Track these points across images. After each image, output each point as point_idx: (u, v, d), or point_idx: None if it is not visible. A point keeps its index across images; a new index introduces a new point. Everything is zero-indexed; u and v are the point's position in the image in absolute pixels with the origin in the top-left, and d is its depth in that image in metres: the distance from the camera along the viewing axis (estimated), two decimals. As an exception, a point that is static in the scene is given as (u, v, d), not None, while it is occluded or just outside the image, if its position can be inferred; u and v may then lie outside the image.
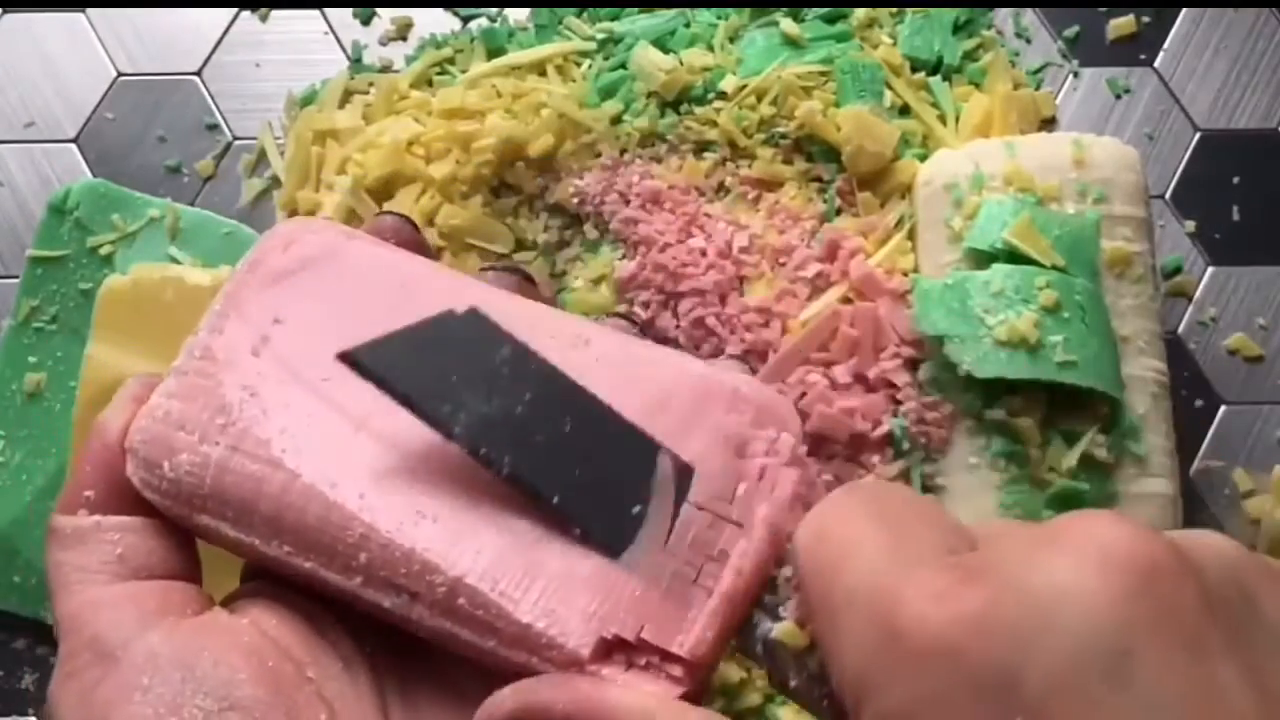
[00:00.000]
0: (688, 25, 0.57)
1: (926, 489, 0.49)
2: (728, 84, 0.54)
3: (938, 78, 0.56)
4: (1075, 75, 0.58)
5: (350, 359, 0.27)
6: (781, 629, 0.26)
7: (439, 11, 0.58)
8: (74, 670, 0.27)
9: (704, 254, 0.51)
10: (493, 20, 0.58)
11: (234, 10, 0.58)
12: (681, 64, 0.54)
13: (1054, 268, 0.48)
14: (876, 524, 0.25)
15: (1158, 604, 0.21)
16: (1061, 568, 0.22)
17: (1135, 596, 0.21)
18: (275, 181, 0.56)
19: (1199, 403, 0.54)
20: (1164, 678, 0.21)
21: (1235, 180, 0.56)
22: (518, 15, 0.58)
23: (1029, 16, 0.58)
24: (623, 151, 0.53)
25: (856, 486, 0.28)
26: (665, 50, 0.55)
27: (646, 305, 0.51)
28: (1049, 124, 0.57)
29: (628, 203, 0.52)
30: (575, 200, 0.53)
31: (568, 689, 0.26)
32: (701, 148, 0.54)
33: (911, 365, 0.50)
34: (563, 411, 0.28)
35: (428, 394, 0.27)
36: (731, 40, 0.56)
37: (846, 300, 0.51)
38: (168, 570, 0.29)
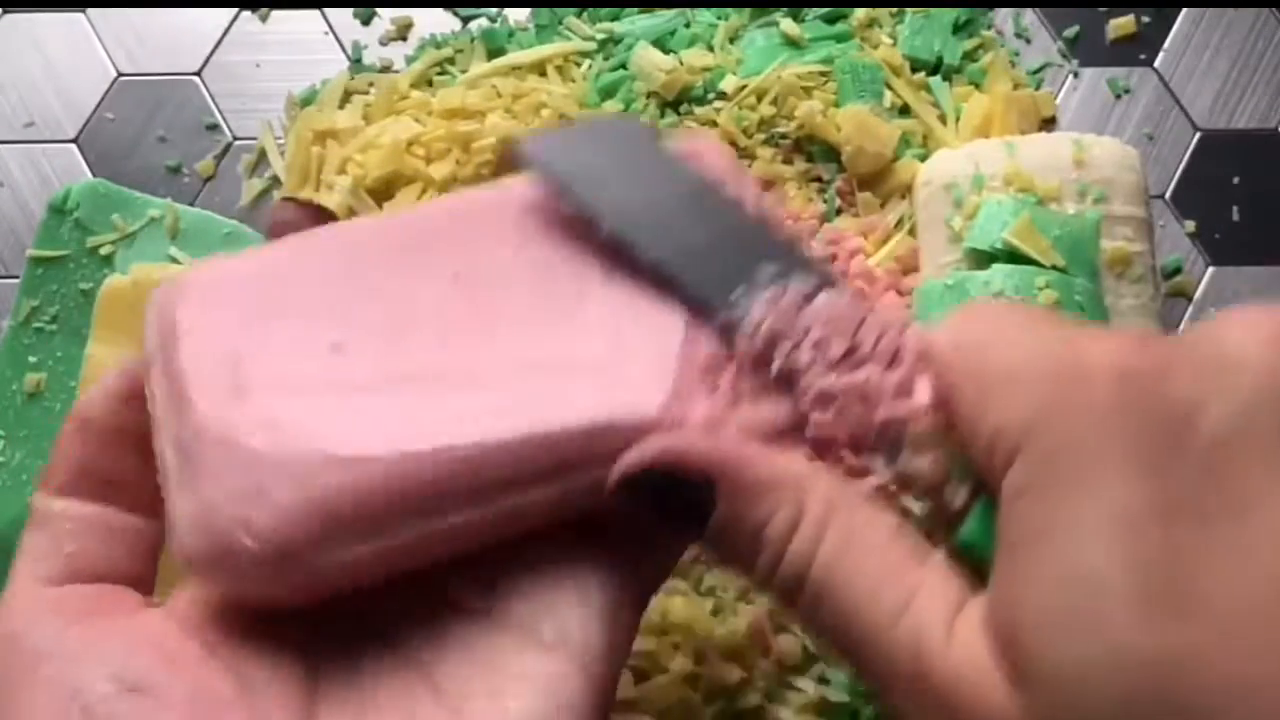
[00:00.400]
0: (688, 25, 0.57)
1: (926, 489, 0.49)
2: (728, 84, 0.54)
3: (938, 78, 0.56)
4: (1075, 75, 0.58)
5: (517, 155, 0.28)
6: (920, 422, 0.26)
7: (439, 11, 0.58)
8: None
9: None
10: (493, 20, 0.58)
11: (234, 10, 0.58)
12: (681, 64, 0.54)
13: (1054, 268, 0.48)
14: (1016, 315, 0.26)
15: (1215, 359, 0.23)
16: (1234, 331, 0.23)
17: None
18: (275, 181, 0.56)
19: (1199, 403, 0.54)
20: None
21: (1236, 180, 0.56)
22: (518, 15, 0.58)
23: (1029, 16, 0.58)
24: (623, 152, 0.53)
25: (976, 304, 0.30)
26: (665, 50, 0.55)
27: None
28: (1049, 124, 0.57)
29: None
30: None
31: (716, 445, 0.26)
32: (701, 148, 0.54)
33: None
34: (709, 218, 0.28)
35: (584, 183, 0.28)
36: (731, 40, 0.56)
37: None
38: (112, 574, 0.29)
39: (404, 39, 0.58)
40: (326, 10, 0.58)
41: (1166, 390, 0.23)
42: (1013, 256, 0.48)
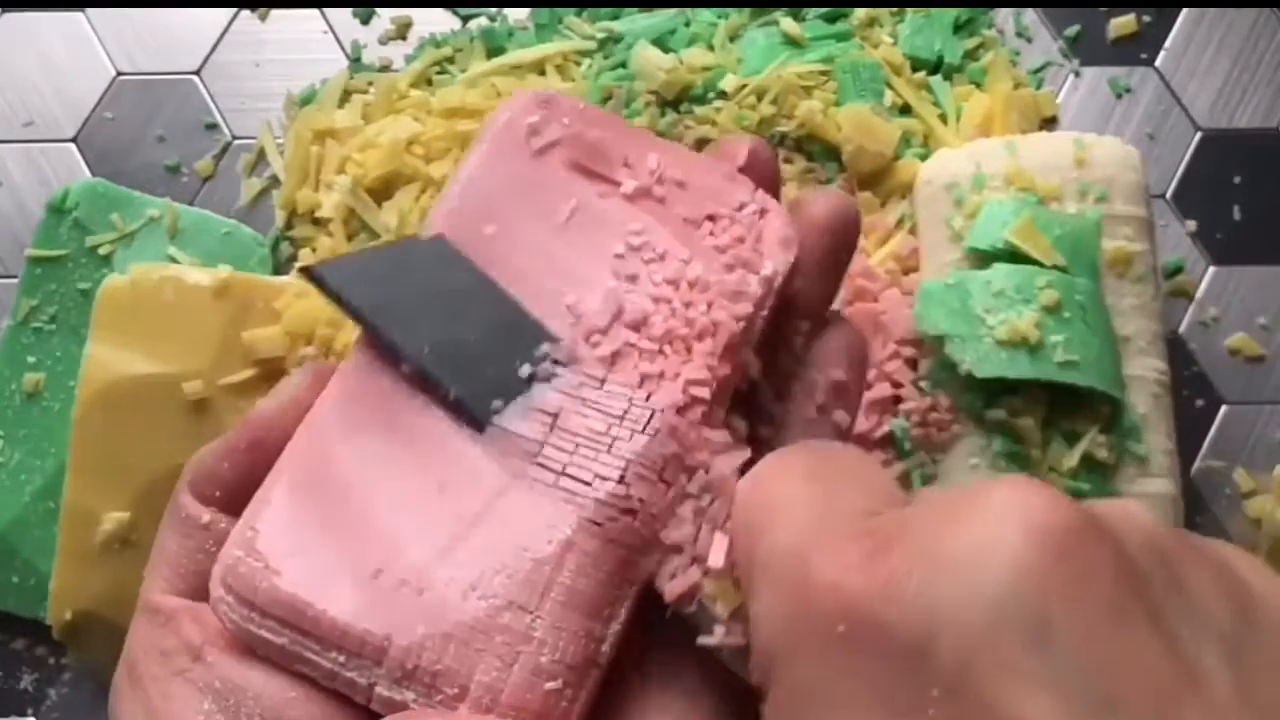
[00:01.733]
0: (688, 24, 0.57)
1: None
2: (728, 83, 0.54)
3: (938, 77, 0.56)
4: (1076, 75, 0.58)
5: (311, 274, 0.27)
6: (713, 585, 0.26)
7: (439, 11, 0.58)
8: (138, 677, 0.28)
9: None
10: (492, 20, 0.58)
11: (233, 10, 0.58)
12: (681, 63, 0.54)
13: (1055, 267, 0.47)
14: (808, 484, 0.25)
15: (1077, 569, 0.21)
16: (977, 533, 0.21)
17: (1054, 561, 0.21)
18: (275, 181, 0.56)
19: (1200, 403, 0.54)
20: (1084, 643, 0.20)
21: (1236, 180, 0.56)
22: (518, 15, 0.58)
23: (1030, 16, 0.58)
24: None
25: (806, 444, 0.27)
26: (665, 50, 0.55)
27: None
28: (1050, 123, 0.57)
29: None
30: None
31: None
32: (701, 147, 0.54)
33: (912, 365, 0.50)
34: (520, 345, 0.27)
35: (384, 313, 0.27)
36: (732, 40, 0.56)
37: (847, 301, 0.51)
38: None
39: (403, 38, 0.58)
40: (326, 10, 0.58)
41: (894, 622, 0.21)
42: (1014, 256, 0.48)
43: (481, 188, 0.29)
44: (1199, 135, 0.57)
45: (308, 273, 0.27)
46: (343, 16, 0.58)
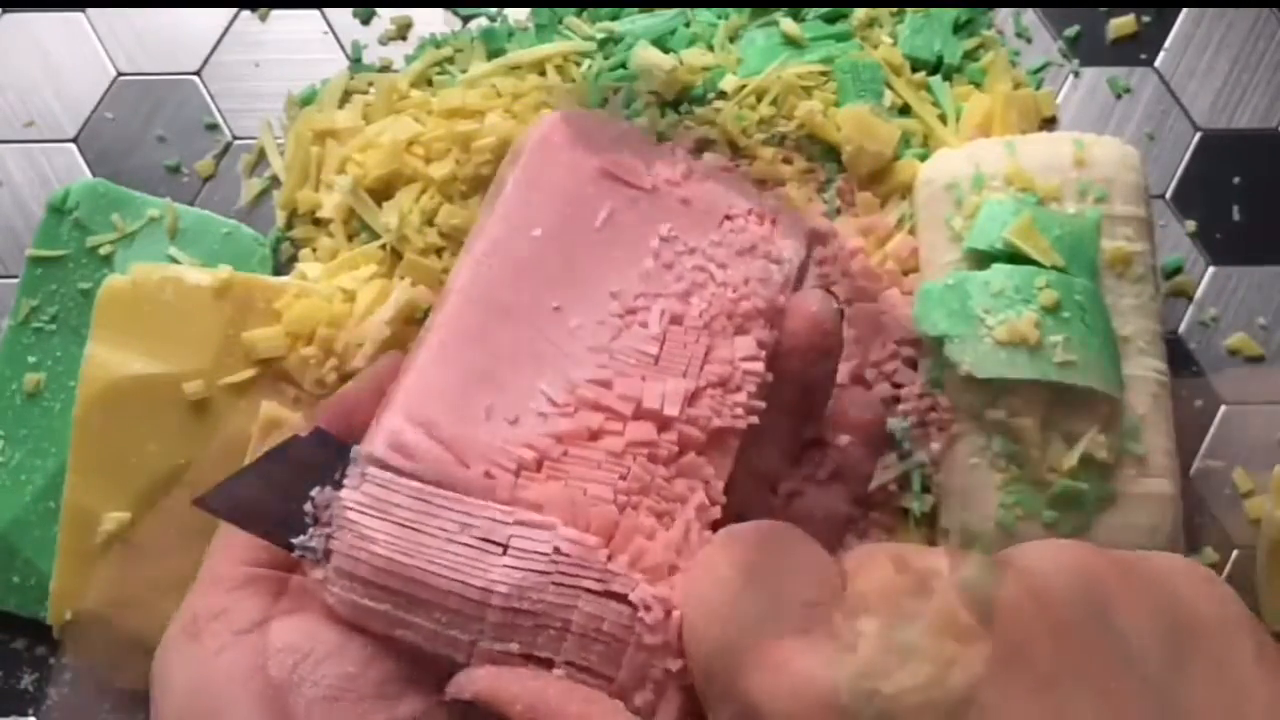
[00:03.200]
0: (688, 25, 0.57)
1: (926, 489, 0.49)
2: (728, 83, 0.54)
3: (938, 77, 0.56)
4: (1076, 75, 0.58)
5: (204, 504, 0.29)
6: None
7: (439, 11, 0.58)
8: (196, 632, 0.29)
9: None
10: (492, 20, 0.58)
11: (234, 10, 0.58)
12: (681, 64, 0.54)
13: (1053, 268, 0.48)
14: (740, 582, 0.25)
15: (1006, 648, 0.21)
16: (900, 624, 0.22)
17: (983, 644, 0.21)
18: (275, 181, 0.56)
19: (1199, 403, 0.54)
20: (1009, 718, 0.21)
21: (1236, 180, 0.56)
22: (518, 15, 0.58)
23: (1029, 16, 0.58)
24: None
25: (731, 534, 0.28)
26: (665, 50, 0.55)
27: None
28: (1049, 124, 0.57)
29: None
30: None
31: (532, 687, 0.27)
32: (701, 147, 0.54)
33: (912, 365, 0.50)
34: None
35: (289, 525, 0.29)
36: (731, 40, 0.56)
37: (846, 301, 0.51)
38: (287, 564, 0.31)
39: (404, 38, 0.58)
40: (326, 10, 0.58)
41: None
42: (1013, 257, 0.48)
43: (525, 197, 0.32)
44: (1199, 135, 0.57)
45: (200, 504, 0.29)
46: (343, 16, 0.58)
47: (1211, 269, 0.55)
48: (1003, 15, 0.58)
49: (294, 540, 0.29)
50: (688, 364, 0.30)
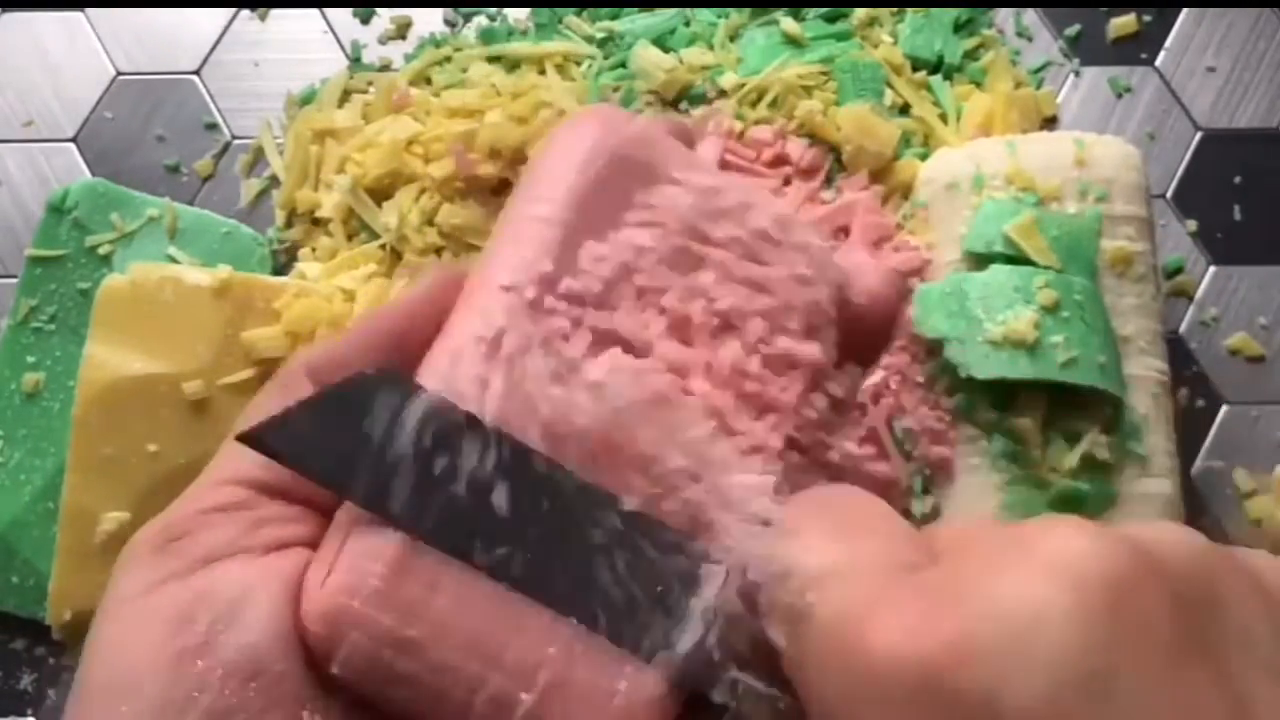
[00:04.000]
0: (688, 24, 0.56)
1: (927, 490, 0.49)
2: (726, 81, 0.54)
3: (938, 77, 0.56)
4: (1076, 74, 0.58)
5: (252, 440, 0.26)
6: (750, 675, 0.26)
7: (439, 11, 0.58)
8: (159, 547, 0.29)
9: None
10: (492, 20, 0.58)
11: (233, 10, 0.58)
12: (681, 63, 0.54)
13: (1051, 268, 0.47)
14: (836, 546, 0.25)
15: (1133, 618, 0.21)
16: (1031, 589, 0.22)
17: (1110, 613, 0.21)
18: (274, 181, 0.56)
19: (1200, 403, 0.54)
20: (1145, 692, 0.21)
21: (1237, 180, 0.56)
22: (517, 14, 0.58)
23: (1030, 16, 0.58)
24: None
25: (812, 499, 0.27)
26: (665, 50, 0.55)
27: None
28: (1050, 123, 0.57)
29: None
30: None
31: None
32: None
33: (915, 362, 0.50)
34: (535, 492, 0.27)
35: (353, 474, 0.26)
36: (732, 39, 0.56)
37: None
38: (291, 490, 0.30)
39: (403, 38, 0.58)
40: (325, 9, 0.58)
41: (960, 686, 0.21)
42: (1010, 258, 0.48)
43: (564, 188, 0.32)
44: (1199, 135, 0.57)
45: (248, 439, 0.27)
46: (343, 16, 0.58)
47: (1212, 269, 0.55)
48: (1003, 15, 0.58)
49: (342, 488, 0.26)
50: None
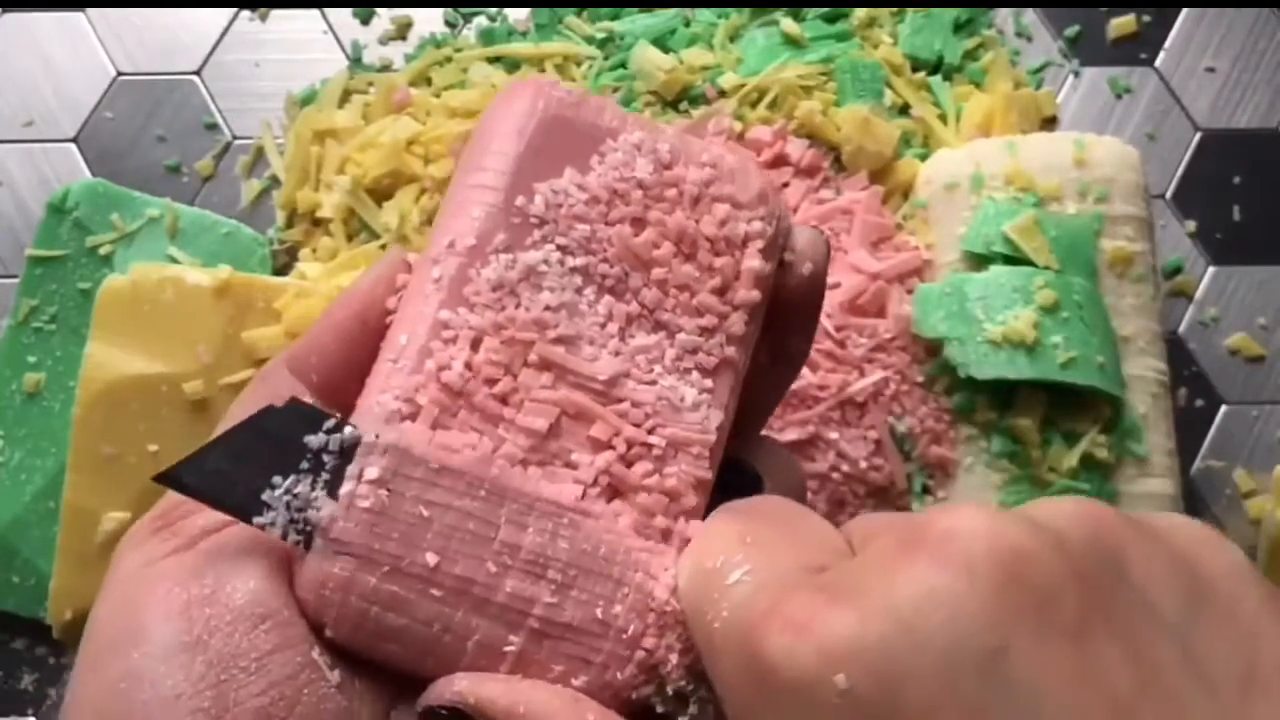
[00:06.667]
0: (688, 24, 0.57)
1: (927, 490, 0.49)
2: (726, 80, 0.54)
3: (938, 77, 0.56)
4: (1076, 75, 0.58)
5: (165, 480, 0.26)
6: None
7: (439, 11, 0.58)
8: (160, 526, 0.28)
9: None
10: (492, 20, 0.58)
11: (233, 10, 0.58)
12: (681, 63, 0.54)
13: (1049, 269, 0.48)
14: (743, 550, 0.25)
15: (1029, 593, 0.21)
16: (924, 574, 0.21)
17: (1004, 590, 0.21)
18: (274, 181, 0.56)
19: (1200, 403, 0.54)
20: (1043, 668, 0.20)
21: (1236, 180, 0.56)
22: (517, 15, 0.58)
23: (1029, 16, 0.58)
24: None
25: (728, 509, 0.27)
26: (665, 50, 0.55)
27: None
28: (1050, 123, 0.57)
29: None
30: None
31: (516, 688, 0.26)
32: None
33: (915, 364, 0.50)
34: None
35: (257, 504, 0.26)
36: (732, 40, 0.56)
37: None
38: None
39: (403, 38, 0.58)
40: (326, 10, 0.58)
41: (857, 683, 0.21)
42: (1009, 258, 0.48)
43: (501, 155, 0.31)
44: (1199, 135, 0.57)
45: (165, 479, 0.27)
46: (343, 16, 0.58)
47: (1212, 269, 0.55)
48: (1003, 15, 0.58)
49: (259, 521, 0.26)
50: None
